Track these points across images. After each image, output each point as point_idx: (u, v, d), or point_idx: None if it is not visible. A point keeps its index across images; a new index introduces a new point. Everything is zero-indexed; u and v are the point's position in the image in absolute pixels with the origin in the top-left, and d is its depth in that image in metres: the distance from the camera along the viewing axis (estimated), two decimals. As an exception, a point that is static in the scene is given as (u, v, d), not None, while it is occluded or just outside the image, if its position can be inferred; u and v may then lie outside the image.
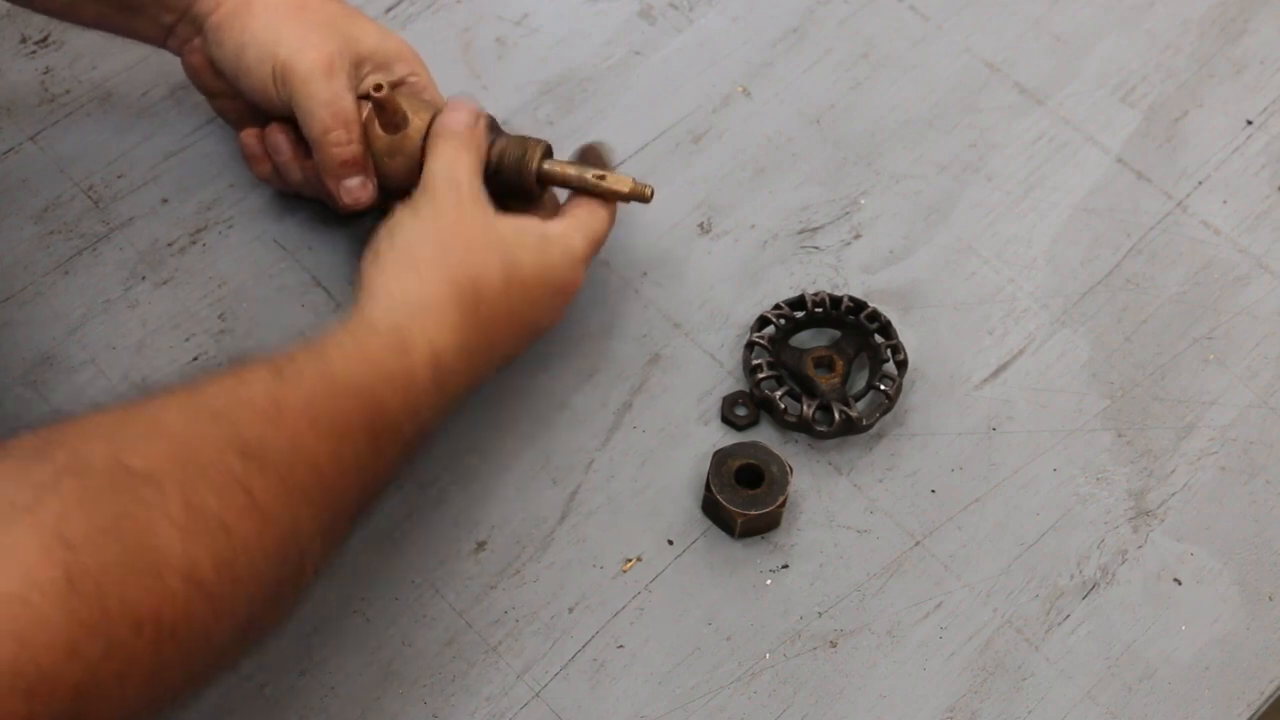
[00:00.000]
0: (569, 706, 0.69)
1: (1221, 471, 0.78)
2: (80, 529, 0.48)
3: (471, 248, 0.70)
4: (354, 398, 0.62)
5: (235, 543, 0.53)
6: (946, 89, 0.92)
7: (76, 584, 0.47)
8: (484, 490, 0.76)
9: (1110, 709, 0.70)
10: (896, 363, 0.79)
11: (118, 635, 0.48)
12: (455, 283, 0.68)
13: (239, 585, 0.53)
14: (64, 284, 0.81)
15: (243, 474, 0.54)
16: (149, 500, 0.51)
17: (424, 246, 0.70)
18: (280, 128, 0.78)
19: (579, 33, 0.94)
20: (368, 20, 0.79)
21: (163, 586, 0.49)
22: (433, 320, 0.67)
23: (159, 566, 0.50)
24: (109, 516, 0.49)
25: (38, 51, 0.90)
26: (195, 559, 0.51)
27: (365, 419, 0.62)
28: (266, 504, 0.55)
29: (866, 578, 0.74)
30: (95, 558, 0.48)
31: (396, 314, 0.67)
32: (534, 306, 0.73)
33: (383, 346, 0.65)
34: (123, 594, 0.48)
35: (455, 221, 0.71)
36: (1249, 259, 0.86)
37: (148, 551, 0.49)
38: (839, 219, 0.86)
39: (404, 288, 0.68)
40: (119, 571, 0.48)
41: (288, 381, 0.60)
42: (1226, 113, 0.92)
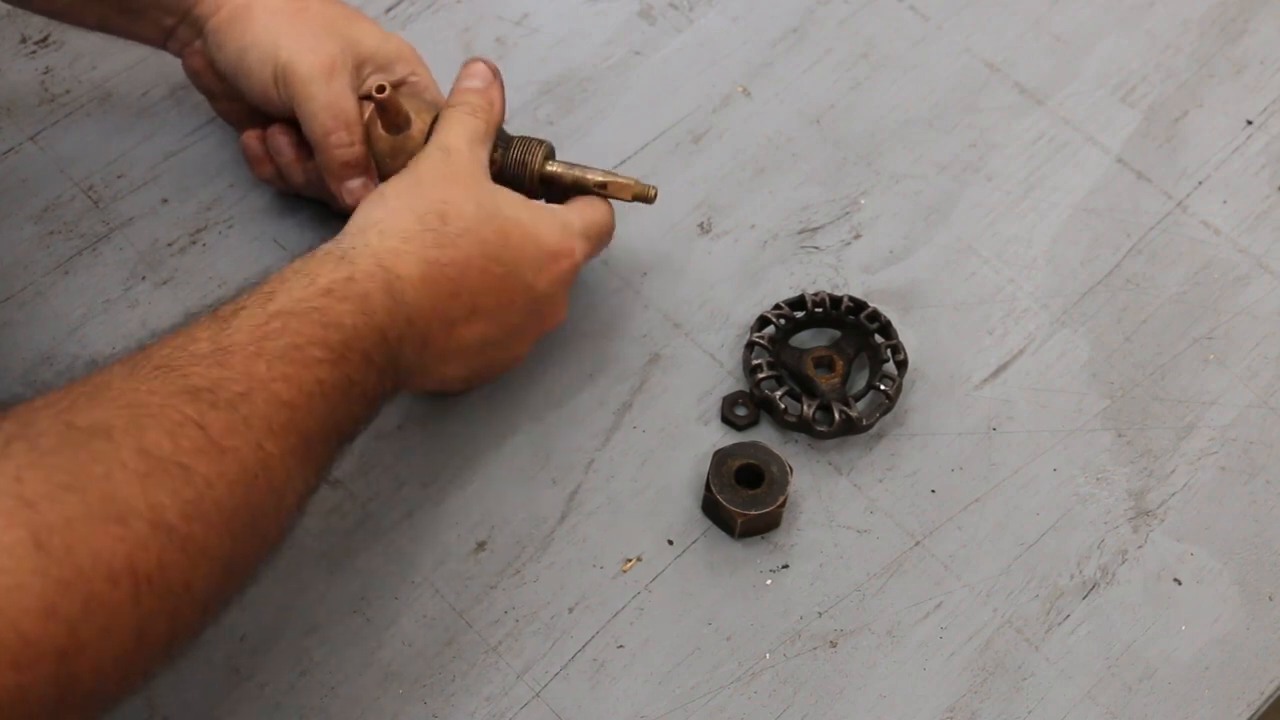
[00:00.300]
0: (569, 706, 0.69)
1: (1221, 471, 0.78)
2: (37, 486, 0.47)
3: (446, 186, 0.69)
4: (299, 320, 0.60)
5: (196, 481, 0.52)
6: (946, 89, 0.92)
7: (43, 542, 0.46)
8: (484, 490, 0.76)
9: (1110, 709, 0.70)
10: (896, 363, 0.79)
11: (95, 590, 0.47)
12: (417, 209, 0.67)
13: (209, 525, 0.52)
14: (64, 284, 0.81)
15: (194, 413, 0.53)
16: (101, 451, 0.50)
17: (396, 186, 0.69)
18: (282, 129, 0.78)
19: (579, 33, 0.94)
20: (368, 21, 0.79)
21: (131, 533, 0.49)
22: (377, 236, 0.66)
23: (123, 513, 0.49)
24: (64, 471, 0.48)
25: (38, 51, 0.90)
26: (158, 502, 0.50)
27: (317, 338, 0.60)
28: (223, 439, 0.54)
29: (866, 578, 0.74)
30: (58, 512, 0.47)
31: (343, 235, 0.66)
32: (516, 254, 0.70)
33: (320, 263, 0.64)
34: (92, 546, 0.47)
35: (438, 169, 0.70)
36: (1249, 259, 0.86)
37: (109, 500, 0.49)
38: (839, 219, 0.86)
39: (360, 217, 0.67)
40: (84, 524, 0.47)
41: (229, 322, 0.59)
42: (1226, 113, 0.92)
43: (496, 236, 0.69)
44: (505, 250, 0.70)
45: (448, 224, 0.68)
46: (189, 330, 0.59)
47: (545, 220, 0.72)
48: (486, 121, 0.74)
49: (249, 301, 0.61)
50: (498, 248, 0.69)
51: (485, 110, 0.74)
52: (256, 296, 0.61)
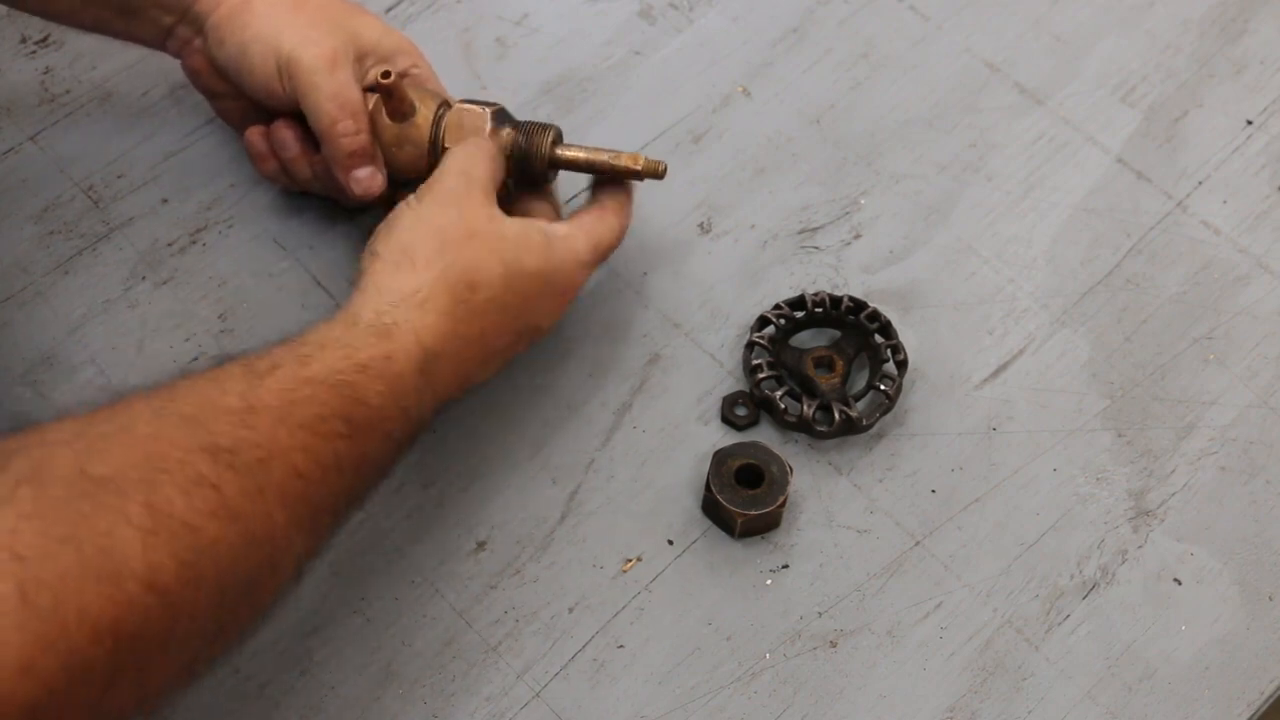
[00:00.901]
0: (569, 706, 0.69)
1: (1221, 471, 0.78)
2: (31, 539, 0.46)
3: (470, 244, 0.69)
4: (330, 391, 0.60)
5: (200, 542, 0.51)
6: (946, 89, 0.92)
7: (30, 597, 0.45)
8: (484, 490, 0.76)
9: (1110, 709, 0.70)
10: (896, 363, 0.79)
11: (75, 648, 0.46)
12: (449, 278, 0.68)
13: (202, 586, 0.51)
14: (64, 284, 0.81)
15: (211, 474, 0.53)
16: (108, 504, 0.49)
17: (421, 242, 0.69)
18: (286, 124, 0.78)
19: (579, 33, 0.94)
20: (369, 15, 0.79)
21: (122, 593, 0.48)
22: (419, 312, 0.66)
23: (118, 572, 0.48)
24: (65, 524, 0.48)
25: (38, 51, 0.90)
26: (156, 562, 0.49)
27: (343, 413, 0.60)
28: (236, 503, 0.53)
29: (866, 578, 0.74)
30: (50, 568, 0.46)
31: (382, 306, 0.66)
32: (532, 305, 0.72)
33: (363, 337, 0.64)
34: (80, 604, 0.46)
35: (457, 218, 0.70)
36: (1249, 259, 0.86)
37: (106, 558, 0.48)
38: (839, 219, 0.86)
39: (394, 282, 0.67)
40: (76, 581, 0.47)
41: (261, 378, 0.59)
42: (1226, 113, 0.92)
43: (518, 299, 0.70)
44: (524, 307, 0.71)
45: (476, 293, 0.68)
46: (220, 379, 0.58)
47: (559, 263, 0.72)
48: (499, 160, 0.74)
49: (284, 359, 0.61)
50: (517, 308, 0.71)
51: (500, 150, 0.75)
52: (292, 357, 0.61)
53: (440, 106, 0.76)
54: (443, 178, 0.71)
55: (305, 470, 0.57)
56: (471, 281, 0.68)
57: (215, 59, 0.78)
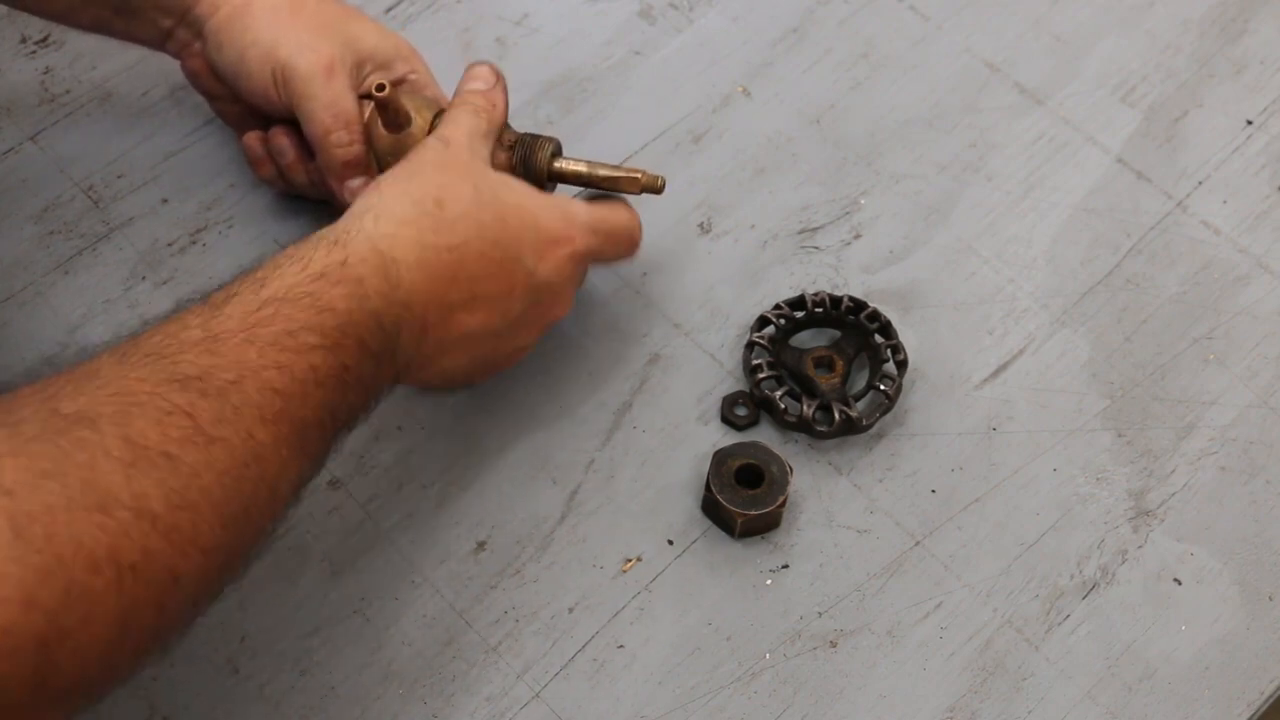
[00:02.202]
0: (569, 706, 0.69)
1: (1221, 471, 0.78)
2: (15, 474, 0.46)
3: (443, 172, 0.68)
4: (292, 305, 0.59)
5: (182, 470, 0.51)
6: (946, 89, 0.92)
7: (22, 530, 0.45)
8: (484, 490, 0.76)
9: (1110, 709, 0.70)
10: (896, 363, 0.79)
11: (75, 578, 0.46)
12: (413, 194, 0.66)
13: (197, 513, 0.51)
14: (64, 284, 0.81)
15: (183, 402, 0.53)
16: (85, 439, 0.49)
17: (393, 174, 0.68)
18: (283, 130, 0.78)
19: (579, 33, 0.94)
20: (367, 20, 0.79)
21: (113, 522, 0.48)
22: (372, 219, 0.65)
23: (106, 502, 0.48)
24: (46, 459, 0.48)
25: (38, 51, 0.90)
26: (142, 491, 0.49)
27: (310, 324, 0.59)
28: (213, 428, 0.53)
29: (866, 578, 0.74)
30: (38, 500, 0.46)
31: (339, 221, 0.65)
32: (515, 237, 0.69)
33: (314, 248, 0.63)
34: (73, 534, 0.47)
35: (434, 158, 0.69)
36: (1249, 259, 0.86)
37: (91, 488, 0.48)
38: (839, 219, 0.86)
39: (357, 205, 0.66)
40: (65, 512, 0.47)
41: (221, 309, 0.58)
42: (1226, 113, 0.92)
43: (495, 221, 0.68)
44: (504, 234, 0.68)
45: (444, 209, 0.67)
46: (181, 317, 0.58)
47: (546, 206, 0.71)
48: (489, 120, 0.74)
49: (241, 288, 0.60)
50: (496, 232, 0.68)
51: (487, 110, 0.74)
52: (249, 283, 0.60)
53: (437, 115, 0.76)
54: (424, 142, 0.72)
55: (281, 387, 0.57)
56: (438, 198, 0.67)
57: (214, 62, 0.78)
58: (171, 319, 0.58)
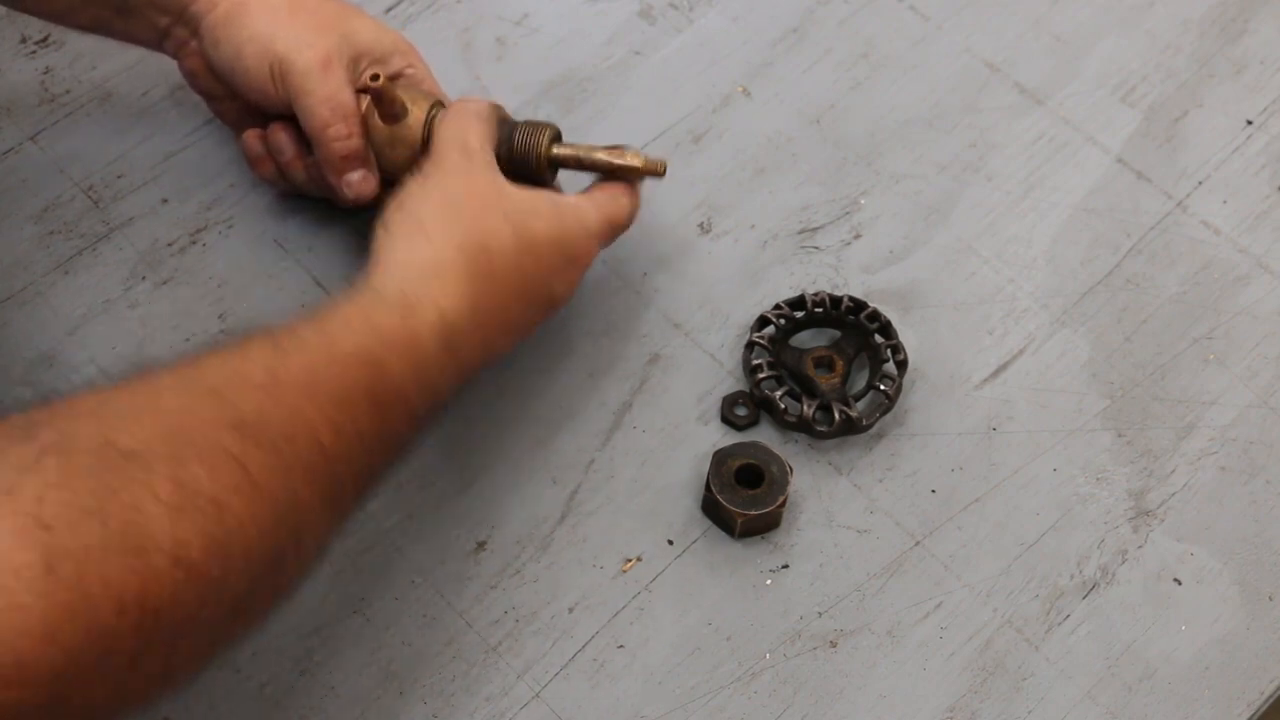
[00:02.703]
0: (569, 706, 0.69)
1: (1221, 471, 0.78)
2: (58, 510, 0.46)
3: (482, 212, 0.69)
4: (355, 365, 0.60)
5: (228, 520, 0.51)
6: (946, 89, 0.92)
7: (55, 567, 0.45)
8: (484, 490, 0.76)
9: (1110, 709, 0.70)
10: (896, 363, 0.79)
11: (99, 619, 0.46)
12: (465, 247, 0.67)
13: (230, 563, 0.51)
14: (64, 284, 0.81)
15: (238, 449, 0.53)
16: (135, 478, 0.49)
17: (433, 212, 0.69)
18: (282, 127, 0.78)
19: (579, 33, 0.94)
20: (364, 16, 0.79)
21: (147, 567, 0.48)
22: (438, 284, 0.66)
23: (144, 546, 0.48)
24: (91, 496, 0.48)
25: (38, 51, 0.90)
26: (183, 538, 0.49)
27: (368, 387, 0.60)
28: (262, 479, 0.53)
29: (866, 578, 0.74)
30: (75, 538, 0.46)
31: (402, 279, 0.66)
32: (547, 272, 0.71)
33: (386, 312, 0.64)
34: (104, 575, 0.46)
35: (465, 186, 0.70)
36: (1249, 259, 0.86)
37: (132, 531, 0.48)
38: (839, 219, 0.86)
39: (411, 255, 0.67)
40: (100, 552, 0.46)
41: (287, 353, 0.59)
42: (1226, 113, 0.92)
43: (533, 263, 0.70)
44: (539, 272, 0.71)
45: (493, 260, 0.68)
46: (245, 351, 0.58)
47: (570, 228, 0.72)
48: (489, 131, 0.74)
49: (309, 334, 0.60)
50: (533, 271, 0.70)
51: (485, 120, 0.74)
52: (318, 332, 0.61)
53: (433, 107, 0.76)
54: (443, 151, 0.72)
55: (329, 445, 0.57)
56: (486, 247, 0.68)
57: (211, 60, 0.78)
58: (234, 350, 0.58)
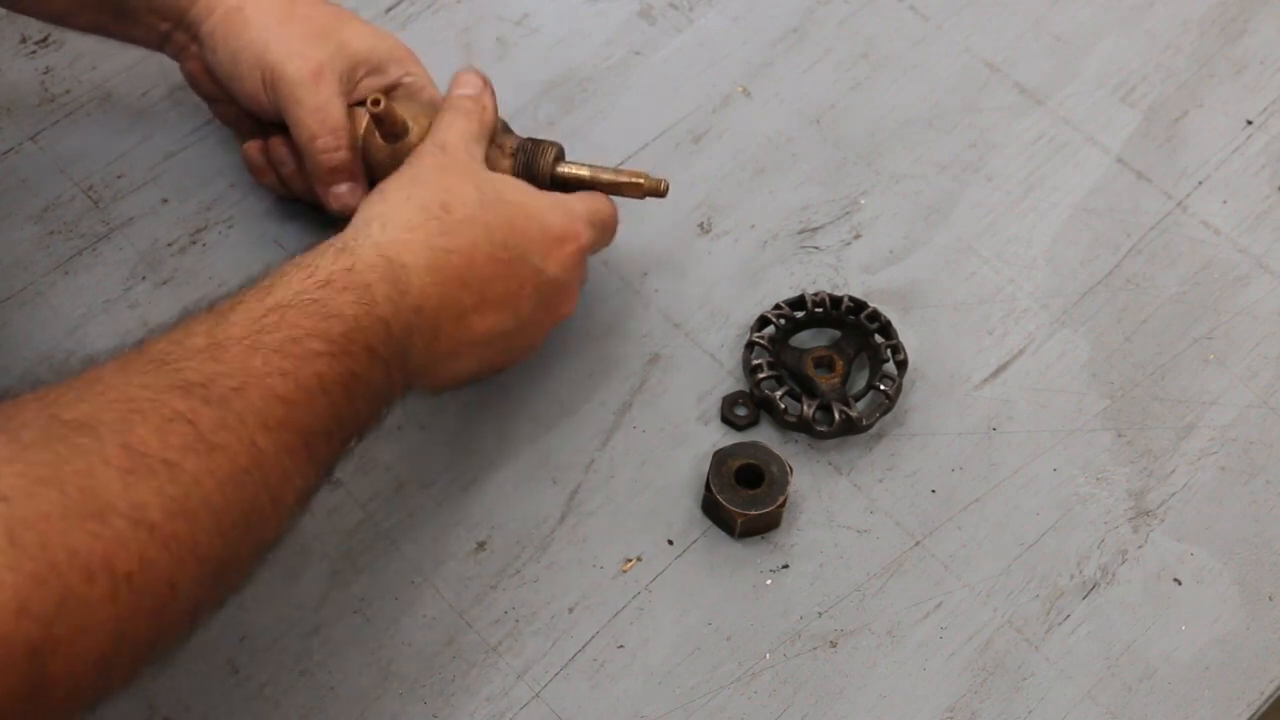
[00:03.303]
0: (569, 706, 0.69)
1: (1221, 471, 0.78)
2: (12, 481, 0.46)
3: (444, 175, 0.69)
4: (297, 312, 0.59)
5: (182, 479, 0.50)
6: (946, 89, 0.92)
7: (17, 537, 0.45)
8: (484, 490, 0.76)
9: (1110, 709, 0.70)
10: (896, 363, 0.79)
11: (70, 586, 0.46)
12: (416, 197, 0.67)
13: (196, 522, 0.51)
14: (64, 284, 0.81)
15: (185, 409, 0.52)
16: (85, 447, 0.49)
17: (394, 182, 0.69)
18: (283, 140, 0.79)
19: (579, 33, 0.94)
20: (360, 22, 0.78)
21: (109, 530, 0.47)
22: (379, 228, 0.65)
23: (102, 510, 0.48)
24: (43, 465, 0.47)
25: (38, 51, 0.90)
26: (140, 500, 0.49)
27: (316, 331, 0.58)
28: (214, 435, 0.52)
29: (866, 578, 0.74)
30: (33, 507, 0.46)
31: (345, 230, 0.65)
32: (522, 238, 0.69)
33: (321, 255, 0.63)
34: (68, 542, 0.46)
35: (433, 164, 0.70)
36: (1249, 259, 0.86)
37: (88, 496, 0.47)
38: (839, 219, 0.86)
39: (364, 212, 0.67)
40: (61, 520, 0.46)
41: (226, 317, 0.58)
42: (1226, 113, 0.92)
43: (501, 221, 0.68)
44: (511, 235, 0.69)
45: (451, 213, 0.67)
46: (186, 325, 0.58)
47: (549, 204, 0.72)
48: (480, 123, 0.74)
49: (247, 296, 0.60)
50: (504, 233, 0.68)
51: (478, 113, 0.74)
52: (254, 291, 0.60)
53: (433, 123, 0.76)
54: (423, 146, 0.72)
55: (286, 394, 0.56)
56: (444, 202, 0.67)
57: (210, 65, 0.78)
58: (177, 326, 0.58)
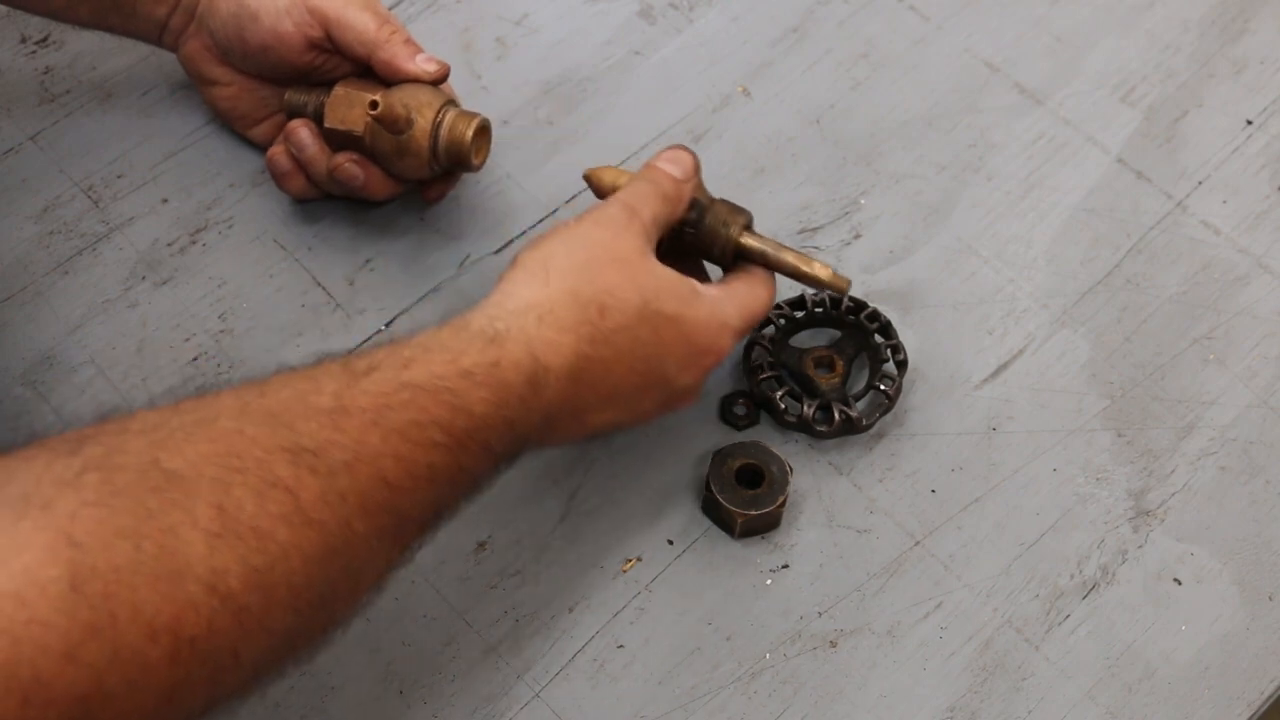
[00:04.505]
0: (569, 706, 0.69)
1: (1221, 471, 0.78)
2: (91, 527, 0.45)
3: (612, 268, 0.65)
4: (429, 396, 0.56)
5: (270, 549, 0.49)
6: (946, 89, 0.92)
7: (80, 585, 0.44)
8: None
9: (1110, 709, 0.70)
10: (896, 363, 0.79)
11: (127, 641, 0.45)
12: (580, 296, 0.63)
13: (273, 594, 0.49)
14: (64, 284, 0.81)
15: (289, 476, 0.50)
16: (177, 503, 0.47)
17: (562, 255, 0.64)
18: (302, 123, 0.79)
19: (579, 33, 0.94)
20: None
21: (182, 593, 0.46)
22: (535, 321, 0.61)
23: (179, 572, 0.46)
24: (128, 516, 0.46)
25: (38, 51, 0.90)
26: (220, 566, 0.47)
27: (442, 421, 0.56)
28: (313, 509, 0.51)
29: (866, 578, 0.74)
30: (105, 558, 0.45)
31: (498, 313, 0.62)
32: (666, 352, 0.66)
33: (469, 341, 0.60)
34: (134, 598, 0.45)
35: (608, 242, 0.66)
36: (1249, 259, 0.86)
37: (167, 555, 0.46)
38: (839, 219, 0.86)
39: (522, 290, 0.63)
40: (131, 574, 0.45)
41: (357, 378, 0.56)
42: (1226, 113, 0.92)
43: (651, 334, 0.65)
44: (657, 349, 0.66)
45: (606, 318, 0.63)
46: (316, 375, 0.56)
47: (705, 316, 0.68)
48: (673, 211, 0.70)
49: (384, 360, 0.57)
50: (650, 347, 0.66)
51: (675, 201, 0.71)
52: (392, 358, 0.57)
53: (441, 110, 0.76)
54: (608, 204, 0.68)
55: (394, 478, 0.54)
56: (603, 305, 0.63)
57: (213, 33, 0.78)
58: (307, 373, 0.56)
